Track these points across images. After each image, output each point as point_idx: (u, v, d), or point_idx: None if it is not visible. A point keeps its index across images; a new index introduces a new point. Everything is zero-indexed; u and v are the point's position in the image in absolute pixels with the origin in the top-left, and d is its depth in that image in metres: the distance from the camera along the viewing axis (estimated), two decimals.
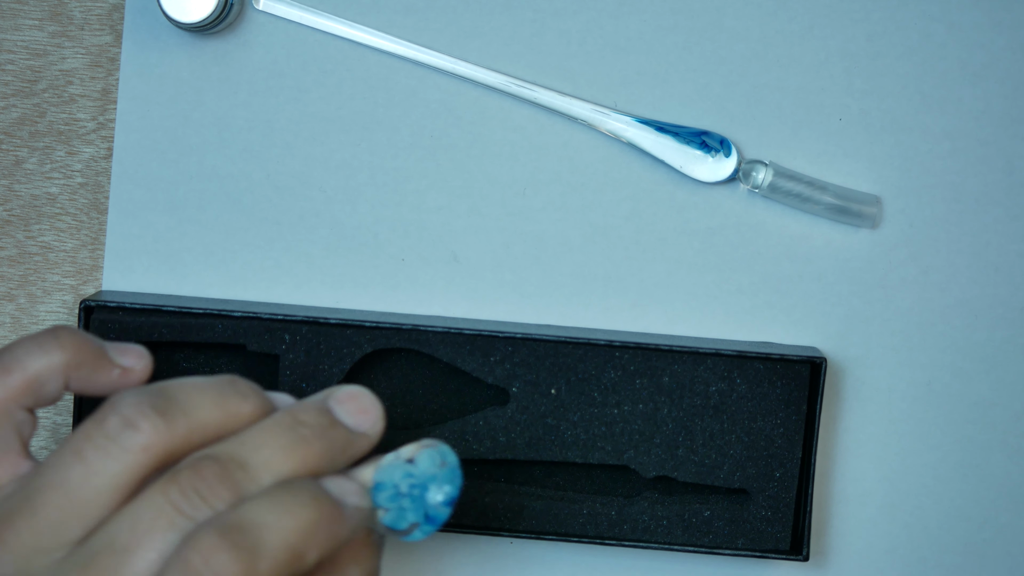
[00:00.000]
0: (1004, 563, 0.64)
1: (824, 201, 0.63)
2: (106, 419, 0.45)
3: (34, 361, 0.48)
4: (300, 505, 0.45)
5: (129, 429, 0.45)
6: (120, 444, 0.44)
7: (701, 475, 0.62)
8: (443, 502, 0.47)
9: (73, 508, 0.45)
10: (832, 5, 0.63)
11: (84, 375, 0.49)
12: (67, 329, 0.49)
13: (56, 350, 0.48)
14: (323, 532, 0.45)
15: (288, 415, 0.46)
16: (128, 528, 0.44)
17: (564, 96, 0.63)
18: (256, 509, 0.44)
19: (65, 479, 0.45)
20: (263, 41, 0.63)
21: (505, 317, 0.64)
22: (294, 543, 0.44)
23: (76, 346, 0.48)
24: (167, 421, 0.45)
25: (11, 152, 0.64)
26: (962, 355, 0.64)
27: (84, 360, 0.48)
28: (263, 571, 0.43)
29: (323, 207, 0.64)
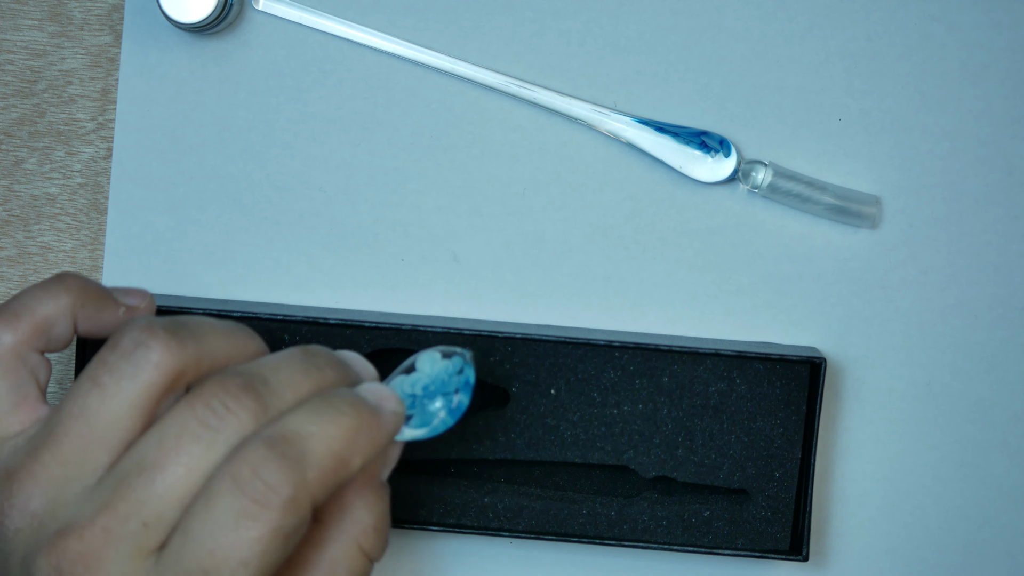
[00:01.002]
0: (1004, 563, 0.64)
1: (824, 201, 0.63)
2: (118, 343, 0.46)
3: (42, 305, 0.49)
4: (341, 413, 0.46)
5: (141, 348, 0.45)
6: (133, 363, 0.45)
7: (701, 475, 0.62)
8: (461, 387, 0.49)
9: (95, 434, 0.45)
10: (832, 5, 0.63)
11: (90, 315, 0.50)
12: (71, 273, 0.50)
13: (62, 293, 0.49)
14: (364, 438, 0.46)
15: (299, 349, 0.47)
16: (155, 446, 0.44)
17: (564, 96, 0.63)
18: (299, 420, 0.45)
19: (84, 406, 0.45)
20: (263, 41, 0.63)
21: (505, 317, 0.64)
22: (339, 450, 0.45)
23: (81, 288, 0.50)
24: (179, 340, 0.46)
25: (11, 152, 0.64)
26: (962, 355, 0.64)
27: (89, 301, 0.50)
28: (311, 479, 0.44)
29: (323, 207, 0.64)
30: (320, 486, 0.45)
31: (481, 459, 0.62)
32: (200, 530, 0.44)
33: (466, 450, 0.61)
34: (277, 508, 0.44)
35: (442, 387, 0.50)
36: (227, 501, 0.44)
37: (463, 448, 0.61)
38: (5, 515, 0.45)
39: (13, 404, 0.48)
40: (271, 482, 0.44)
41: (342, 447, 0.45)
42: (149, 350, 0.45)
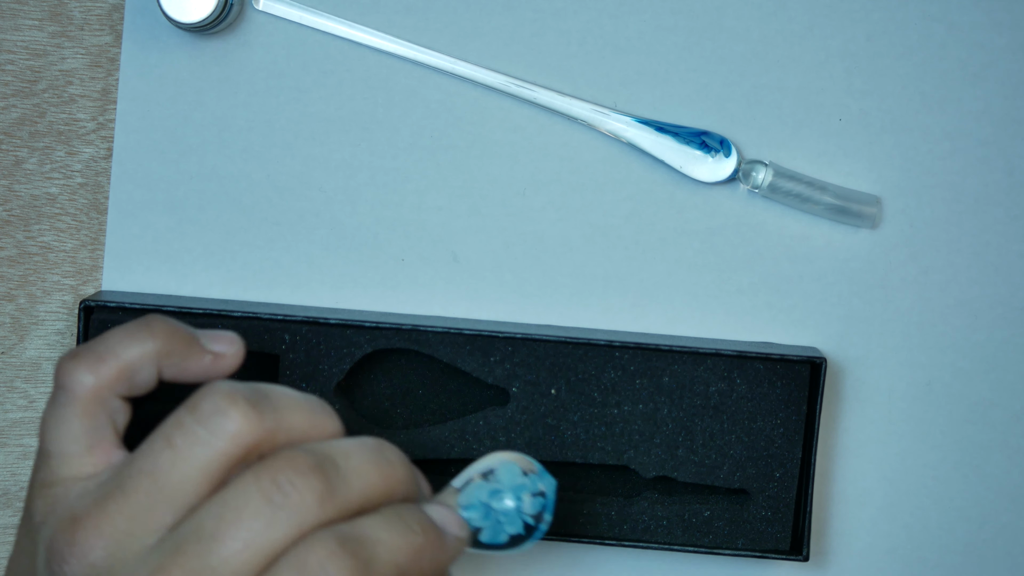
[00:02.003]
0: (1004, 563, 0.64)
1: (824, 201, 0.63)
2: (198, 406, 0.45)
3: (127, 349, 0.48)
4: (410, 530, 0.46)
5: (219, 416, 0.45)
6: (210, 430, 0.45)
7: (701, 475, 0.62)
8: (539, 508, 0.48)
9: (162, 494, 0.45)
10: (832, 5, 0.63)
11: (176, 362, 0.49)
12: (158, 317, 0.49)
13: (148, 338, 0.49)
14: (428, 558, 0.46)
15: (373, 440, 0.47)
16: (216, 515, 0.44)
17: (564, 96, 0.63)
18: (372, 525, 0.45)
19: (155, 465, 0.45)
20: (263, 41, 0.63)
21: (505, 317, 0.64)
22: (403, 563, 0.45)
23: (167, 333, 0.49)
24: (258, 412, 0.45)
25: (11, 152, 0.64)
26: (962, 355, 0.64)
27: (176, 347, 0.49)
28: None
29: (323, 207, 0.64)
30: None
31: None
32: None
33: (466, 450, 0.61)
34: None
35: (519, 504, 0.49)
36: None
37: (463, 448, 0.61)
38: (65, 561, 0.45)
39: (88, 446, 0.48)
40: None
41: (406, 561, 0.45)
42: (227, 419, 0.45)
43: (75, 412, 0.48)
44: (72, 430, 0.48)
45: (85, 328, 0.60)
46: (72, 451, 0.48)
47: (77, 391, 0.48)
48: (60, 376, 0.48)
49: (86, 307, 0.61)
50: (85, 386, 0.48)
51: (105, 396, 0.48)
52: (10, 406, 0.64)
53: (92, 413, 0.48)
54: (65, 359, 0.48)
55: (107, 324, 0.61)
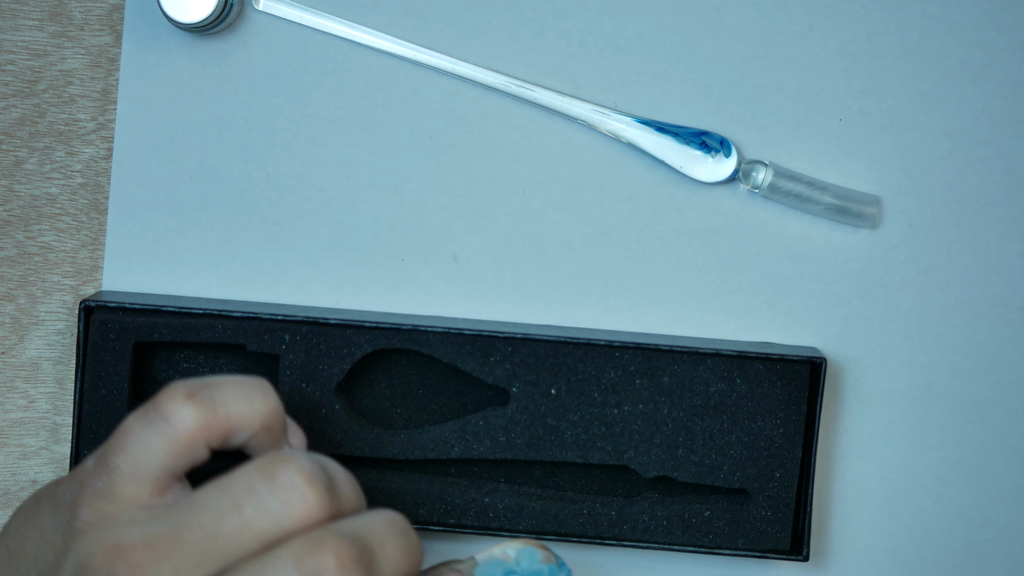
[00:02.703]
0: (1004, 563, 0.64)
1: (824, 201, 0.63)
2: (275, 477, 0.45)
3: (240, 409, 0.48)
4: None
5: (296, 494, 0.45)
6: (285, 508, 0.45)
7: (701, 475, 0.62)
8: None
9: (216, 553, 0.45)
10: (832, 5, 0.63)
11: (266, 440, 0.49)
12: (272, 391, 0.49)
13: (262, 406, 0.49)
14: None
15: (403, 519, 0.47)
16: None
17: (564, 96, 0.63)
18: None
19: (218, 527, 0.45)
20: (263, 41, 0.63)
21: (505, 317, 0.64)
22: None
23: (275, 414, 0.49)
24: (332, 499, 0.46)
25: (11, 152, 0.64)
26: (962, 355, 0.64)
27: (273, 429, 0.49)
28: None
29: (323, 207, 0.64)
30: None
31: (481, 459, 0.62)
32: None
33: (466, 450, 0.61)
34: None
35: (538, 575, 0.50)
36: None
37: (463, 448, 0.61)
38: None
39: (158, 479, 0.47)
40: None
41: None
42: (304, 502, 0.45)
43: (165, 446, 0.47)
44: (152, 460, 0.47)
45: (85, 328, 0.60)
46: (143, 477, 0.47)
47: (178, 429, 0.48)
48: (167, 406, 0.48)
49: (86, 307, 0.61)
50: (187, 428, 0.48)
51: (200, 443, 0.48)
52: (10, 406, 0.64)
53: (180, 454, 0.48)
54: (178, 391, 0.48)
55: (107, 324, 0.61)
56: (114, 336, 0.61)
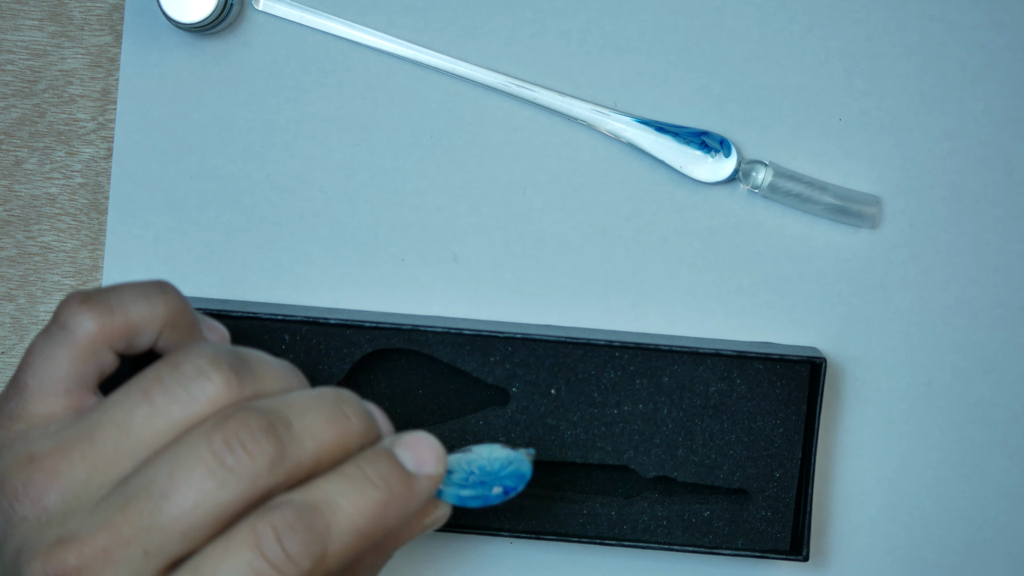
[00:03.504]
0: (1004, 563, 0.64)
1: (824, 201, 0.63)
2: (180, 365, 0.45)
3: (138, 309, 0.48)
4: (373, 486, 0.45)
5: (201, 379, 0.45)
6: (190, 391, 0.45)
7: (701, 475, 0.62)
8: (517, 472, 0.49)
9: (130, 446, 0.45)
10: (832, 5, 0.63)
11: (174, 337, 0.49)
12: (172, 288, 0.49)
13: (161, 305, 0.48)
14: (393, 512, 0.46)
15: (331, 392, 0.46)
16: (167, 473, 0.44)
17: (564, 96, 0.63)
18: (330, 489, 0.45)
19: (128, 417, 0.45)
20: (263, 41, 0.63)
21: (505, 317, 0.64)
22: (364, 526, 0.45)
23: (179, 307, 0.49)
24: (239, 380, 0.45)
25: (11, 152, 0.64)
26: (962, 355, 0.64)
27: (181, 322, 0.49)
28: (331, 553, 0.44)
29: (323, 207, 0.64)
30: (338, 560, 0.45)
31: None
32: (211, 575, 0.44)
33: None
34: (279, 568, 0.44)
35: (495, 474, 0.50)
36: (245, 556, 0.44)
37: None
38: (18, 499, 0.45)
39: (68, 390, 0.47)
40: (292, 552, 0.44)
41: (367, 523, 0.45)
42: (209, 383, 0.45)
43: (68, 355, 0.47)
44: (58, 371, 0.47)
45: None
46: (50, 391, 0.47)
47: (78, 335, 0.47)
48: (64, 315, 0.47)
49: None
50: (87, 333, 0.47)
51: (102, 347, 0.47)
52: None
53: (84, 360, 0.47)
54: (74, 299, 0.47)
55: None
56: None
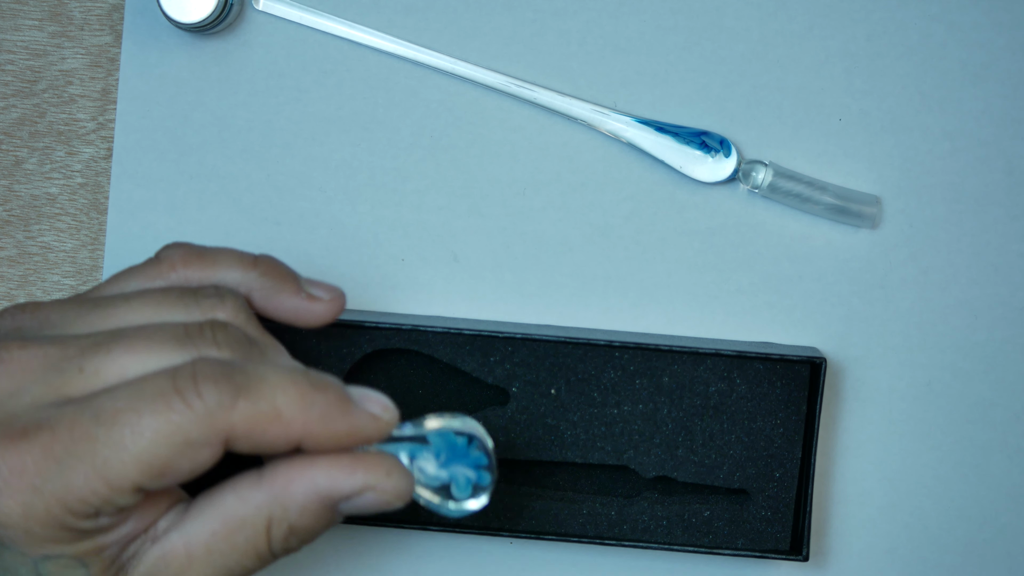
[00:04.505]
0: (1004, 563, 0.64)
1: (824, 201, 0.63)
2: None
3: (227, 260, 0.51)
4: (309, 383, 0.46)
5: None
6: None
7: (701, 475, 0.62)
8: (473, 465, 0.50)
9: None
10: (832, 5, 0.63)
11: (268, 290, 0.51)
12: (271, 256, 0.52)
13: (250, 262, 0.51)
14: (318, 414, 0.46)
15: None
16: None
17: (564, 96, 0.63)
18: (264, 368, 0.46)
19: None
20: (263, 41, 0.63)
21: (505, 317, 0.64)
22: (282, 405, 0.45)
23: (270, 265, 0.51)
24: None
25: (11, 152, 0.64)
26: (962, 355, 0.64)
27: (273, 276, 0.51)
28: (240, 409, 0.45)
29: (323, 207, 0.64)
30: (244, 422, 0.45)
31: None
32: (120, 392, 0.45)
33: None
34: (191, 410, 0.44)
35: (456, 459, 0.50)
36: (157, 381, 0.45)
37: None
38: None
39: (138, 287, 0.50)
40: (202, 388, 0.44)
41: (287, 404, 0.45)
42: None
43: (143, 270, 0.51)
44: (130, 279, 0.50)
45: None
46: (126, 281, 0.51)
47: (162, 259, 0.51)
48: (160, 250, 0.51)
49: None
50: (171, 260, 0.51)
51: (179, 275, 0.50)
52: None
53: (153, 277, 0.51)
54: (174, 244, 0.51)
55: None
56: None
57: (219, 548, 0.47)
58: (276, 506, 0.47)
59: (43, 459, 0.44)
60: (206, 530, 0.47)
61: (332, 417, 0.46)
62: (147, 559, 0.47)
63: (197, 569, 0.47)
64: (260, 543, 0.47)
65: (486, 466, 0.50)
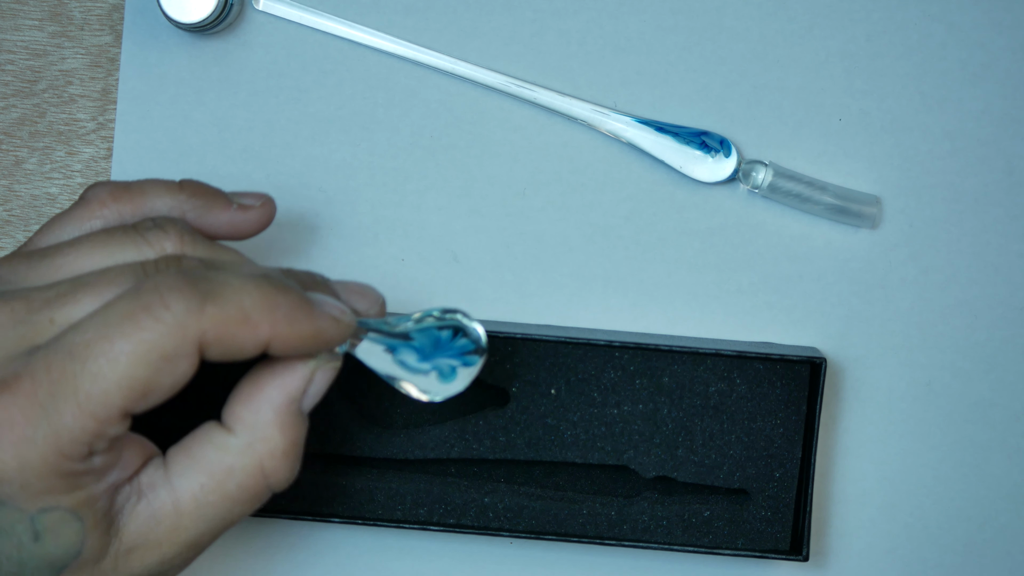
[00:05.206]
0: (1004, 563, 0.64)
1: (824, 201, 0.63)
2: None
3: (153, 189, 0.52)
4: (272, 284, 0.46)
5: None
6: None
7: (701, 475, 0.62)
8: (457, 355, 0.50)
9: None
10: (832, 5, 0.63)
11: (200, 208, 0.52)
12: (193, 180, 0.53)
13: (176, 187, 0.52)
14: (284, 314, 0.46)
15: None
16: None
17: (564, 96, 0.63)
18: (226, 274, 0.46)
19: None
20: (263, 41, 0.63)
21: (505, 317, 0.64)
22: (249, 307, 0.46)
23: (195, 186, 0.52)
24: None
25: (11, 152, 0.64)
26: (962, 355, 0.64)
27: (200, 196, 0.52)
28: (208, 314, 0.45)
29: (323, 207, 0.64)
30: (214, 326, 0.45)
31: (481, 459, 0.62)
32: (87, 324, 0.45)
33: (466, 450, 0.61)
34: (162, 323, 0.44)
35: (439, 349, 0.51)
36: (121, 304, 0.45)
37: (463, 448, 0.61)
38: None
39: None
40: (168, 299, 0.45)
41: (253, 306, 0.46)
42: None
43: (73, 214, 0.51)
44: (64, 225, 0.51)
45: None
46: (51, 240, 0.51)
47: (89, 199, 0.51)
48: (85, 192, 0.52)
49: None
50: (99, 198, 0.51)
51: (111, 212, 0.51)
52: None
53: (85, 218, 0.51)
54: (96, 183, 0.52)
55: None
56: None
57: (209, 500, 0.48)
58: (258, 442, 0.48)
59: (29, 407, 0.44)
60: (194, 484, 0.48)
61: (297, 318, 0.47)
62: (138, 518, 0.47)
63: (187, 523, 0.48)
64: (257, 484, 0.48)
65: (473, 351, 0.50)
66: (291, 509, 0.61)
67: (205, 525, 0.48)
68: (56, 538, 0.46)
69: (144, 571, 0.48)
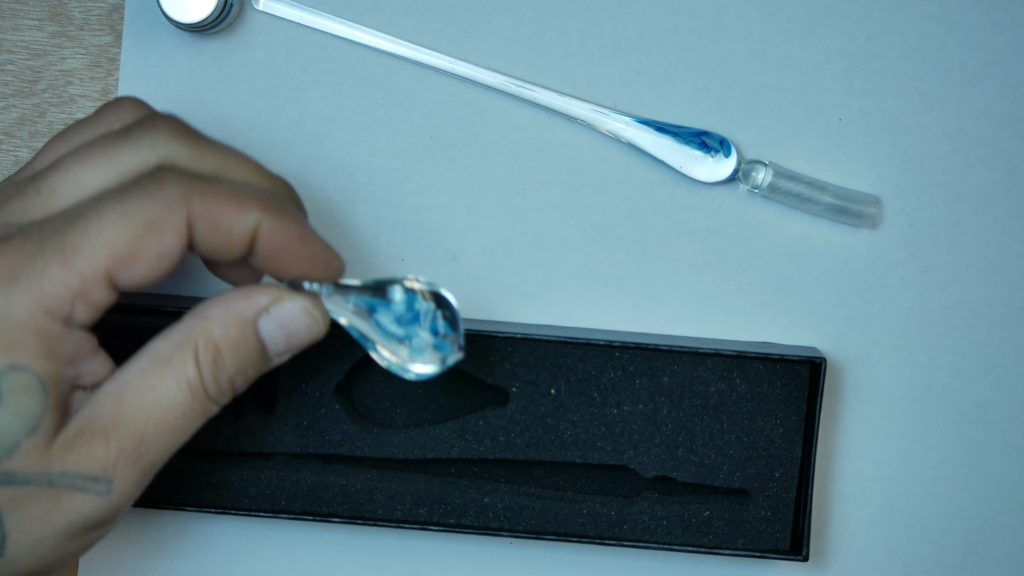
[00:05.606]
0: (1004, 563, 0.64)
1: (824, 201, 0.63)
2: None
3: None
4: (263, 169, 0.49)
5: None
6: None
7: (701, 475, 0.62)
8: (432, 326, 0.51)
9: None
10: (832, 5, 0.63)
11: None
12: None
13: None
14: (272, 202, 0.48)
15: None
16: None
17: (564, 96, 0.63)
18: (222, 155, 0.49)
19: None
20: (263, 41, 0.63)
21: (505, 317, 0.64)
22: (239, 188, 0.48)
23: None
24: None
25: (11, 152, 0.64)
26: (962, 355, 0.64)
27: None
28: (200, 189, 0.47)
29: (323, 207, 0.64)
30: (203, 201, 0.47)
31: (481, 459, 0.62)
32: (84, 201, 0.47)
33: (466, 450, 0.61)
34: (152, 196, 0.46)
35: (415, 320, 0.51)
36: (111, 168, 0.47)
37: (463, 448, 0.61)
38: None
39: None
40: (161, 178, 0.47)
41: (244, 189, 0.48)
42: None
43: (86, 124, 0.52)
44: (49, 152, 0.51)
45: None
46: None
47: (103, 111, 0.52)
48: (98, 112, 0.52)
49: None
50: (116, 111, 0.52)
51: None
52: None
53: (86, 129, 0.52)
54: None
55: (107, 324, 0.61)
56: (114, 336, 0.60)
57: (148, 383, 0.48)
58: (198, 330, 0.49)
59: (16, 256, 0.45)
60: (135, 369, 0.48)
61: (287, 211, 0.49)
62: (84, 408, 0.48)
63: (128, 408, 0.48)
64: (190, 371, 0.48)
65: (449, 337, 0.50)
66: (291, 509, 0.61)
67: (147, 412, 0.48)
68: (17, 405, 0.46)
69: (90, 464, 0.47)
